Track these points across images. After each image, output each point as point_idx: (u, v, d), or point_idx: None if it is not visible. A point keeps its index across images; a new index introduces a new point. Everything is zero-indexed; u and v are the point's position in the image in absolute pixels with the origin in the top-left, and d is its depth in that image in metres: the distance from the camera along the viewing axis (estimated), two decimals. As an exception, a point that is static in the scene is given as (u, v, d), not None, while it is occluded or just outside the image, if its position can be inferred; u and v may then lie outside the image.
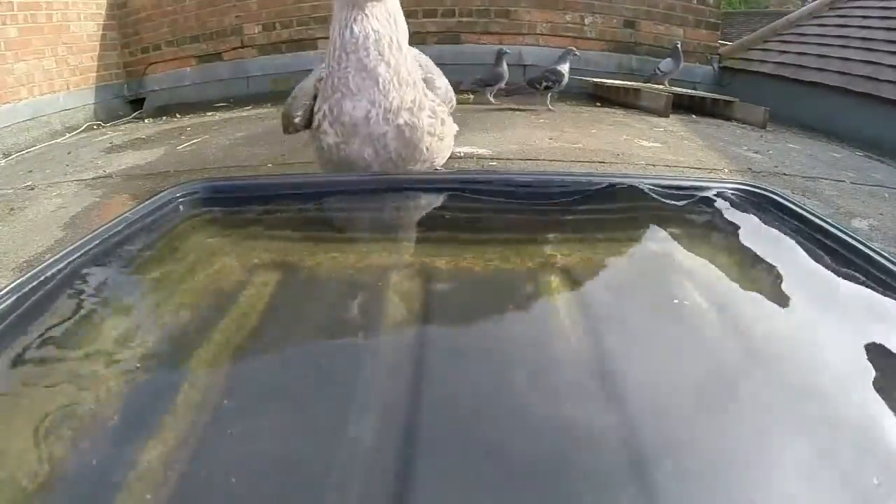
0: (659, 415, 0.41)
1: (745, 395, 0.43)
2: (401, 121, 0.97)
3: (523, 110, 4.12)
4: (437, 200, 0.82)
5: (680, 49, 4.68)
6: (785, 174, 3.23)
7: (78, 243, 0.61)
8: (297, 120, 1.01)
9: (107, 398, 0.42)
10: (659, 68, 4.75)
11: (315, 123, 1.02)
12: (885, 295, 0.55)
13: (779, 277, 0.63)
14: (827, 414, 0.42)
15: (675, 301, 0.58)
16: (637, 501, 0.34)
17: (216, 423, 0.40)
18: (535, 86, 4.09)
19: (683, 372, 0.46)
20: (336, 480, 0.35)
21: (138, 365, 0.46)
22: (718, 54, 5.38)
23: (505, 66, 4.10)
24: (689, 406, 0.42)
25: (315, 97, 1.03)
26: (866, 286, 0.56)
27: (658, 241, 0.72)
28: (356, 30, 0.95)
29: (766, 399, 0.43)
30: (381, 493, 0.34)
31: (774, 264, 0.65)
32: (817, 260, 0.63)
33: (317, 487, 0.35)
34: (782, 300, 0.59)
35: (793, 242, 0.66)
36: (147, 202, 0.72)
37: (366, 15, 0.95)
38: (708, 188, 0.79)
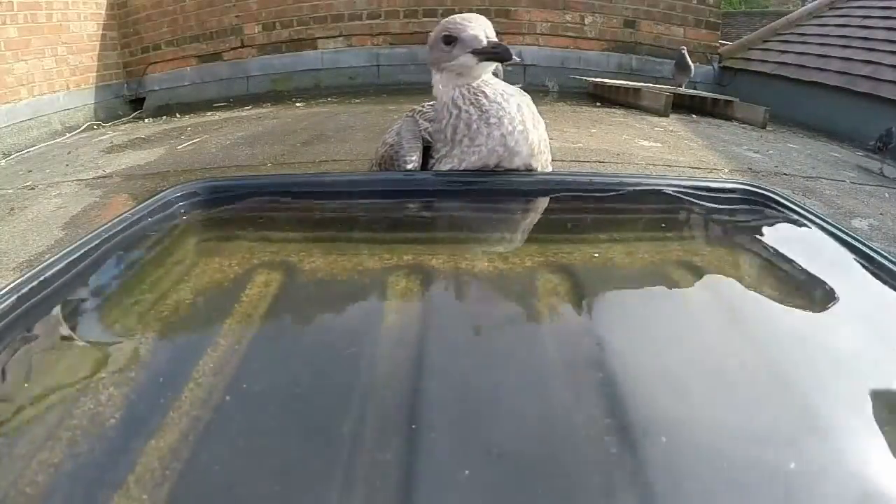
0: (660, 414, 0.41)
1: (746, 394, 0.43)
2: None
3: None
4: (438, 200, 0.82)
5: (687, 55, 4.68)
6: (785, 174, 3.23)
7: (78, 243, 0.61)
8: (410, 167, 0.87)
9: (108, 398, 0.42)
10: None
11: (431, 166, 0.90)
12: (885, 294, 0.55)
13: (779, 277, 0.63)
14: (825, 412, 0.42)
15: (676, 300, 0.58)
16: (636, 501, 0.34)
17: (218, 421, 0.40)
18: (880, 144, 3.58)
19: (685, 371, 0.46)
20: (337, 480, 0.35)
21: (138, 365, 0.46)
22: (718, 54, 5.39)
23: None
24: (691, 404, 0.42)
25: (421, 140, 0.90)
26: (866, 286, 0.56)
27: (658, 240, 0.72)
28: (490, 94, 0.82)
29: (766, 396, 0.43)
30: (382, 494, 0.34)
31: (774, 264, 0.65)
32: (817, 260, 0.63)
33: (317, 487, 0.35)
34: (782, 299, 0.59)
35: (793, 242, 0.66)
36: (147, 202, 0.72)
37: (485, 82, 0.84)
38: (708, 188, 0.79)
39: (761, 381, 0.45)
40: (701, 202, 0.77)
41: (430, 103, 0.98)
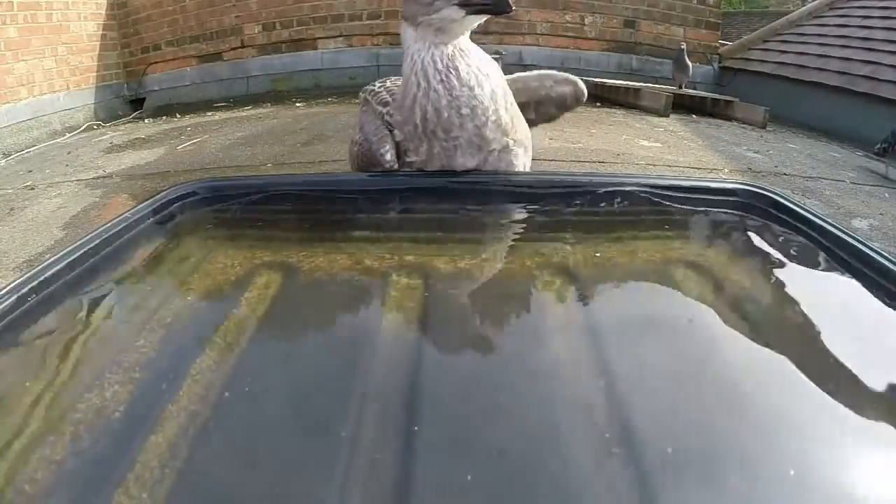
0: (659, 415, 0.41)
1: (747, 396, 0.43)
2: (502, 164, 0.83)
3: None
4: (438, 200, 0.82)
5: (685, 52, 4.68)
6: (785, 174, 3.23)
7: (78, 243, 0.61)
8: (388, 157, 0.81)
9: (107, 397, 0.42)
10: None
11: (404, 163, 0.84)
12: (885, 295, 0.55)
13: (779, 277, 0.63)
14: (826, 414, 0.42)
15: (676, 301, 0.58)
16: (635, 502, 0.34)
17: (217, 421, 0.40)
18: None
19: (684, 372, 0.46)
20: (336, 480, 0.35)
21: (138, 365, 0.46)
22: (718, 54, 5.39)
23: None
24: (690, 407, 0.42)
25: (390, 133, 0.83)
26: (866, 286, 0.56)
27: (658, 241, 0.72)
28: (463, 74, 0.74)
29: (766, 398, 0.43)
30: (381, 492, 0.34)
31: (774, 264, 0.65)
32: (817, 260, 0.63)
33: (317, 486, 0.35)
34: (782, 300, 0.59)
35: (793, 242, 0.66)
36: (147, 202, 0.72)
37: (462, 51, 0.75)
38: (708, 188, 0.79)
39: (761, 382, 0.45)
40: (701, 202, 0.77)
41: (381, 82, 0.90)
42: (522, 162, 0.84)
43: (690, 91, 4.88)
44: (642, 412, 0.40)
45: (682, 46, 4.75)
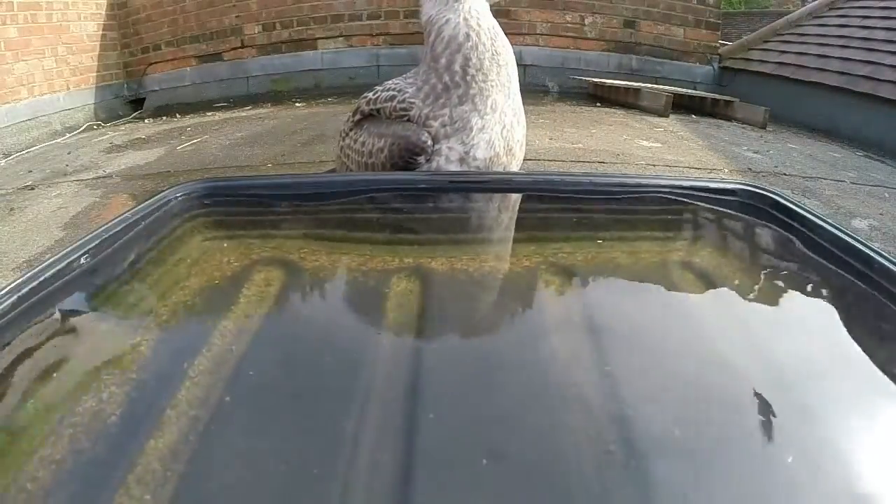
0: (659, 417, 0.41)
1: (746, 396, 0.43)
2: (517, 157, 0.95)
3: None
4: (438, 200, 0.82)
5: None
6: (785, 174, 3.22)
7: (78, 243, 0.61)
8: (429, 141, 0.90)
9: (107, 398, 0.42)
10: None
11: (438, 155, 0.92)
12: (885, 295, 0.55)
13: (779, 278, 0.63)
14: (825, 414, 0.42)
15: (676, 301, 0.58)
16: (635, 501, 0.34)
17: (217, 423, 0.40)
18: None
19: (684, 374, 0.46)
20: (336, 482, 0.35)
21: (138, 365, 0.46)
22: (718, 54, 5.38)
23: None
24: (690, 409, 0.42)
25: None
26: (866, 287, 0.56)
27: (658, 241, 0.72)
28: (505, 38, 0.94)
29: (766, 398, 0.43)
30: (381, 494, 0.34)
31: (774, 265, 0.65)
32: (817, 260, 0.63)
33: (317, 489, 0.35)
34: (782, 300, 0.59)
35: (793, 243, 0.66)
36: (147, 202, 0.72)
37: (492, 31, 0.91)
38: (708, 188, 0.79)
39: (761, 382, 0.45)
40: (700, 203, 0.77)
41: (368, 95, 0.99)
42: (523, 123, 0.98)
43: (690, 91, 4.88)
44: (643, 412, 0.40)
45: None
